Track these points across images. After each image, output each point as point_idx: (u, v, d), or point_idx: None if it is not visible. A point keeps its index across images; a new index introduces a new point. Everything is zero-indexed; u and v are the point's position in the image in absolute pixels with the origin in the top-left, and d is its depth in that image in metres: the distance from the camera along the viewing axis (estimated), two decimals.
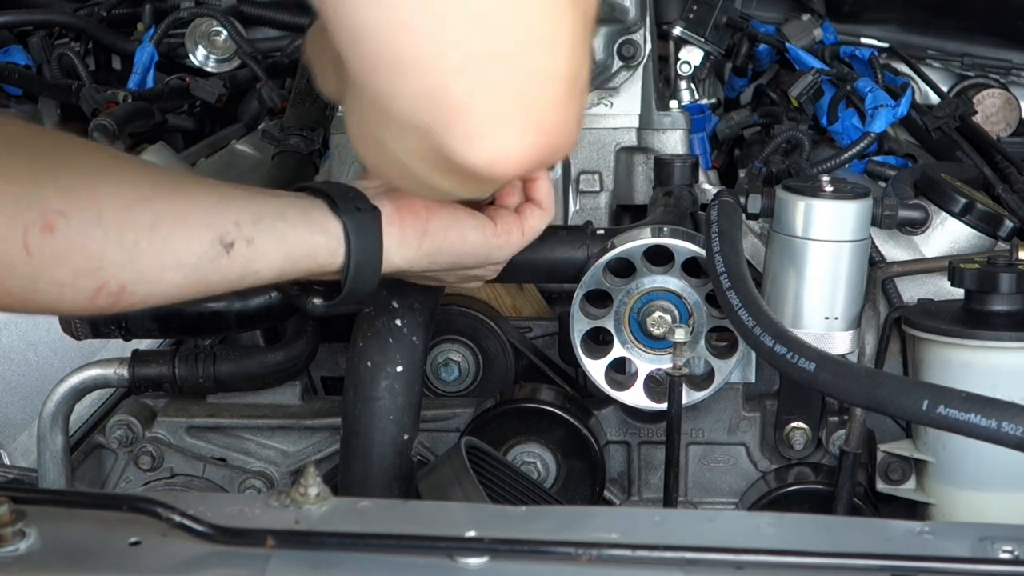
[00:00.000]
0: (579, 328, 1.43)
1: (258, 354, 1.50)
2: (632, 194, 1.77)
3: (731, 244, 1.32)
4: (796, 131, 1.84)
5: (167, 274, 1.09)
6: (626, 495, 1.55)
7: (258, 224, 1.13)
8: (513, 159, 0.91)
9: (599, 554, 0.89)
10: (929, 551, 0.92)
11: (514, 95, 0.88)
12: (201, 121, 2.27)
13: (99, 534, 0.93)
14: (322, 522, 0.95)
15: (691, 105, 1.94)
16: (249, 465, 1.53)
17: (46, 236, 1.02)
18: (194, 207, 1.10)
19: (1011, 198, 1.74)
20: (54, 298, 1.05)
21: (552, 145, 0.92)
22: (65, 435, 1.48)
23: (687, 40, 1.97)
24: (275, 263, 1.14)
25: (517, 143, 0.90)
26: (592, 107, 1.76)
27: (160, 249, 1.07)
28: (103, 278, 1.05)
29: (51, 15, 2.28)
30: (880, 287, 1.52)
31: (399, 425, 1.31)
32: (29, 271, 1.03)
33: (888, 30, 2.24)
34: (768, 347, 1.19)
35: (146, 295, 1.10)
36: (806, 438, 1.50)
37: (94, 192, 1.05)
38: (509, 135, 0.89)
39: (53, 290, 1.04)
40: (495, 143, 0.89)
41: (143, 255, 1.06)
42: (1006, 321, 1.38)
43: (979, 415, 1.01)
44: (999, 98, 2.11)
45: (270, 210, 1.14)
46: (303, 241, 1.15)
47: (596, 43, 1.73)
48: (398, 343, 1.32)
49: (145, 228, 1.06)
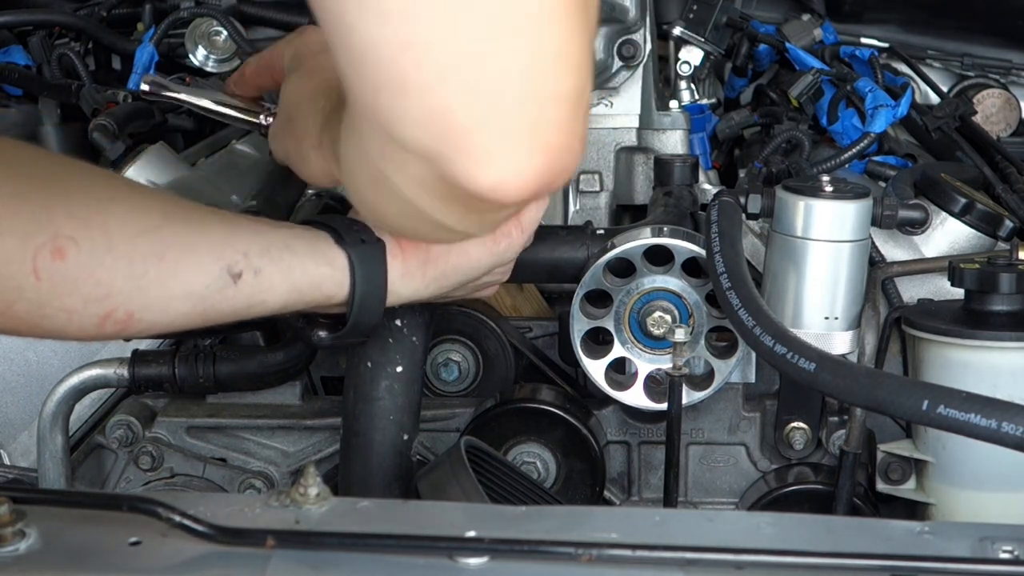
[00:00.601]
0: (579, 328, 1.43)
1: (258, 354, 1.50)
2: (632, 194, 1.77)
3: (731, 244, 1.32)
4: (796, 131, 1.84)
5: (174, 303, 1.09)
6: (626, 495, 1.55)
7: (266, 255, 1.13)
8: (521, 182, 0.88)
9: (599, 554, 0.89)
10: (929, 551, 0.92)
11: (521, 116, 0.85)
12: (201, 121, 2.27)
13: (99, 534, 0.93)
14: (322, 522, 0.95)
15: (691, 105, 1.94)
16: (249, 465, 1.53)
17: (56, 262, 1.02)
18: (203, 237, 1.11)
19: (1011, 198, 1.74)
20: (62, 324, 1.06)
21: (559, 167, 0.89)
22: (65, 435, 1.48)
23: (687, 40, 1.97)
24: (281, 294, 1.14)
25: (524, 165, 0.87)
26: (592, 107, 1.76)
27: (168, 278, 1.08)
28: (111, 306, 1.06)
29: (51, 15, 2.28)
30: (880, 287, 1.52)
31: (399, 425, 1.31)
32: (37, 296, 1.03)
33: (888, 30, 2.24)
34: (768, 347, 1.19)
35: (152, 323, 1.10)
36: (806, 438, 1.50)
37: (105, 219, 1.05)
38: (516, 157, 0.86)
39: (61, 316, 1.05)
40: (502, 165, 0.86)
41: (151, 284, 1.07)
42: (1006, 321, 1.38)
43: (979, 415, 1.01)
44: (999, 98, 2.11)
45: (277, 242, 1.15)
46: (309, 273, 1.15)
47: (596, 43, 1.74)
48: (398, 343, 1.32)
49: (154, 257, 1.07)
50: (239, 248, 1.12)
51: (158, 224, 1.08)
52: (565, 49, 0.84)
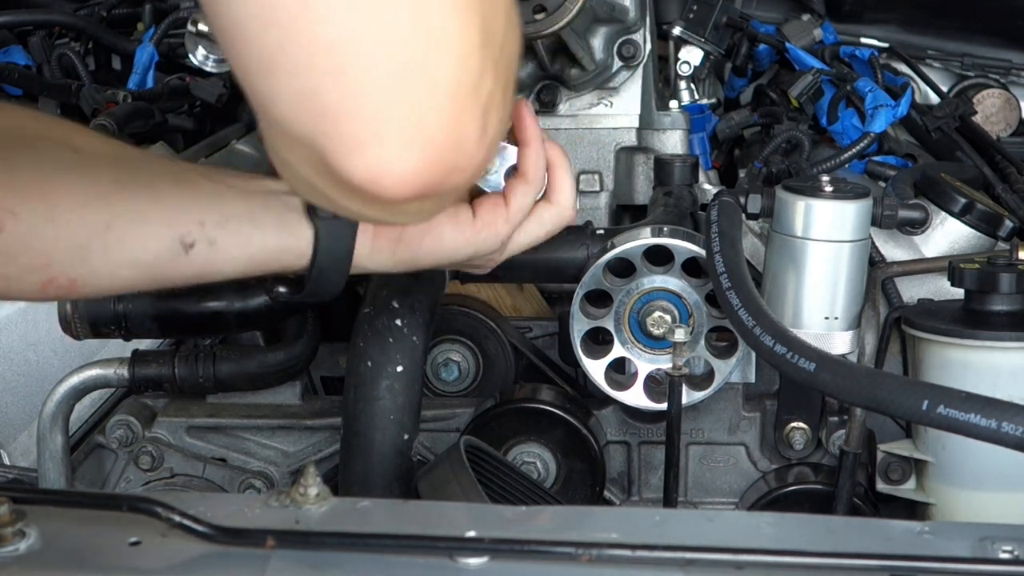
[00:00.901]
0: (579, 328, 1.43)
1: (258, 354, 1.50)
2: (632, 194, 1.77)
3: (731, 244, 1.32)
4: (796, 131, 1.84)
5: (121, 271, 1.07)
6: (626, 495, 1.55)
7: (224, 226, 1.09)
8: (397, 176, 0.82)
9: (599, 554, 0.89)
10: (929, 551, 0.92)
11: (392, 105, 0.79)
12: (201, 121, 2.27)
13: (99, 534, 0.93)
14: (322, 522, 0.95)
15: (691, 105, 1.94)
16: (249, 465, 1.53)
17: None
18: (156, 204, 1.07)
19: (1011, 198, 1.74)
20: (1, 289, 1.05)
21: (446, 165, 0.82)
22: (65, 435, 1.48)
23: (687, 40, 1.97)
24: (238, 264, 1.12)
25: (400, 157, 0.81)
26: (592, 107, 1.76)
27: (114, 248, 1.05)
28: (51, 274, 1.04)
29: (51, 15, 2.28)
30: (880, 287, 1.52)
31: (399, 425, 1.31)
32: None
33: (888, 30, 2.24)
34: (768, 347, 1.18)
35: (97, 288, 1.09)
36: (806, 438, 1.50)
37: (48, 190, 1.03)
38: (389, 149, 0.80)
39: (0, 283, 1.04)
40: (374, 156, 0.81)
41: (94, 254, 1.05)
42: (1006, 321, 1.38)
43: (979, 415, 1.01)
44: (999, 98, 2.11)
45: (240, 210, 1.11)
46: (269, 245, 1.12)
47: (596, 43, 1.74)
48: (398, 343, 1.32)
49: (100, 226, 1.05)
50: (195, 217, 1.08)
51: (105, 191, 1.05)
52: (445, 36, 0.78)
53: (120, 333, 1.41)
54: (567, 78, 1.74)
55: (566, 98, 1.76)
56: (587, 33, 1.73)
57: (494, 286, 1.65)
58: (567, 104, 1.76)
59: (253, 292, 1.41)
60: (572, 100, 1.76)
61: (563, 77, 1.75)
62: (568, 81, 1.75)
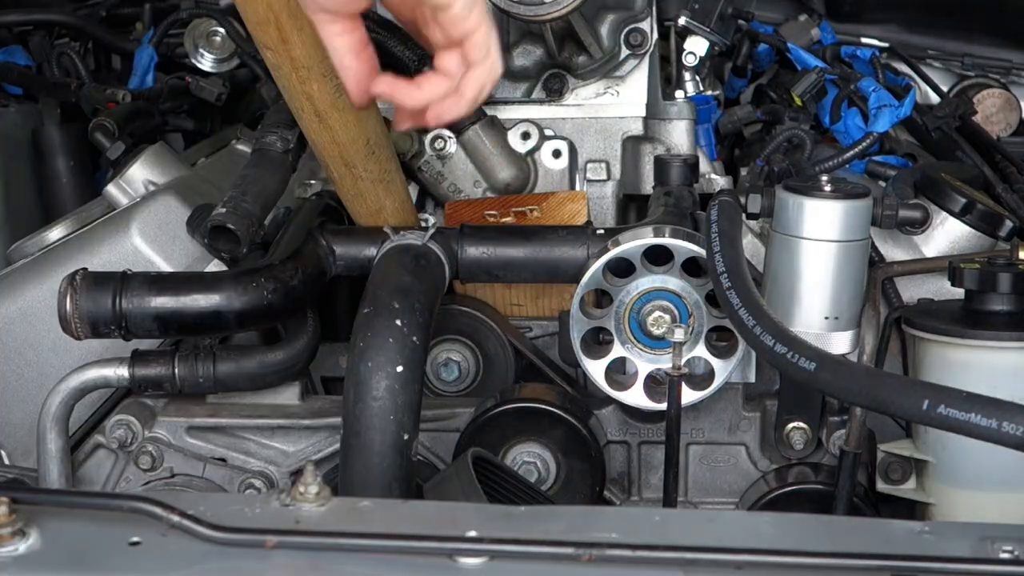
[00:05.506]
0: (579, 328, 1.43)
1: (258, 354, 1.50)
2: (639, 184, 1.77)
3: (731, 244, 1.32)
4: (798, 130, 1.84)
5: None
6: (626, 495, 1.55)
7: None
8: None
9: (599, 554, 0.89)
10: (929, 551, 0.92)
11: None
12: (201, 121, 2.28)
13: (99, 534, 0.93)
14: (322, 522, 0.95)
15: (697, 96, 1.93)
16: (249, 465, 1.53)
17: None
18: None
19: (1011, 198, 1.74)
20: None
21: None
22: (65, 435, 1.48)
23: (692, 30, 1.94)
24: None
25: None
26: (599, 96, 1.76)
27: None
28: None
29: (51, 15, 2.28)
30: (880, 287, 1.52)
31: (399, 425, 1.31)
32: None
33: (888, 30, 2.24)
34: (768, 347, 1.18)
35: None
36: (806, 438, 1.50)
37: None
38: None
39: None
40: None
41: None
42: (1006, 321, 1.38)
43: (979, 415, 1.01)
44: (999, 98, 2.11)
45: None
46: None
47: (603, 30, 1.73)
48: (398, 343, 1.32)
49: None
50: None
51: None
52: None
53: (120, 333, 1.41)
54: (574, 66, 1.74)
55: (573, 87, 1.75)
56: (595, 19, 1.73)
57: (516, 288, 1.64)
58: (574, 93, 1.76)
59: (253, 292, 1.41)
60: (579, 89, 1.76)
61: (570, 65, 1.74)
62: (575, 69, 1.74)
